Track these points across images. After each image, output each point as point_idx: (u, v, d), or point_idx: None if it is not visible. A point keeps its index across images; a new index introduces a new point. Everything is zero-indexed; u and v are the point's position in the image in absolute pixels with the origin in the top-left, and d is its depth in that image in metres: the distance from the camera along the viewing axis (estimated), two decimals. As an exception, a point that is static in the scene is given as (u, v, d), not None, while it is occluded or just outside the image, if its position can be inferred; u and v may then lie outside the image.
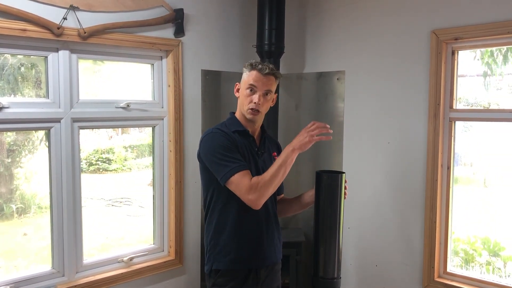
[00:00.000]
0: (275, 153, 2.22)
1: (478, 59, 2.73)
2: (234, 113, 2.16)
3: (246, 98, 2.05)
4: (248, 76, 2.06)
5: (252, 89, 2.04)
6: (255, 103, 2.03)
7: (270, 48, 3.13)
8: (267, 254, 2.11)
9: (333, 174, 2.14)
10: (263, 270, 2.10)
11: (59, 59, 2.48)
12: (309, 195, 2.22)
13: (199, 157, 2.08)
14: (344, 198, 2.12)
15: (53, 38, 2.38)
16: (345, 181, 2.12)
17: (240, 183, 1.91)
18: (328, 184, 2.11)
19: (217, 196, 2.05)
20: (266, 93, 2.05)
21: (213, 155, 1.98)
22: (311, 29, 3.38)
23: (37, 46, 2.41)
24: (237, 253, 2.04)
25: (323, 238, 2.10)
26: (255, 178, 1.94)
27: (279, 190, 2.26)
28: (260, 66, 2.04)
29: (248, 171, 1.96)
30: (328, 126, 1.96)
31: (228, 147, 1.98)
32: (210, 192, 2.08)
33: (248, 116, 2.07)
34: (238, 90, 2.13)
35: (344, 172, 2.13)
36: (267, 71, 2.03)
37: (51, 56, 2.47)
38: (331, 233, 2.09)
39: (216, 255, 2.06)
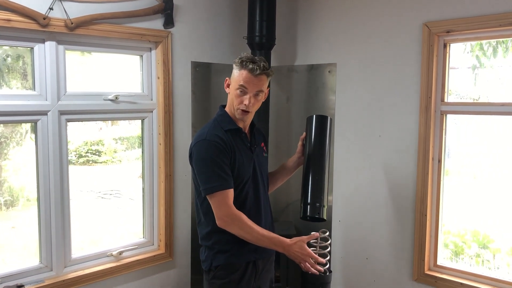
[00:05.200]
0: (263, 144, 2.22)
1: (468, 52, 2.73)
2: (224, 106, 2.12)
3: (236, 98, 2.01)
4: (238, 75, 1.98)
5: (243, 90, 1.98)
6: (245, 104, 1.98)
7: (261, 40, 3.10)
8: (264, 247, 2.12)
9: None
10: (260, 261, 2.13)
11: (45, 50, 2.44)
12: (292, 161, 2.30)
13: (191, 159, 2.05)
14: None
15: (39, 29, 2.33)
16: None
17: (219, 202, 1.94)
18: (319, 120, 2.22)
19: None
20: (257, 94, 2.00)
21: (202, 166, 1.97)
22: (302, 21, 3.35)
23: (23, 37, 2.36)
24: (236, 248, 2.04)
25: (314, 166, 2.12)
26: (241, 215, 1.95)
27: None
28: (251, 65, 1.95)
29: (231, 191, 1.96)
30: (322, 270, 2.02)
31: (218, 160, 1.95)
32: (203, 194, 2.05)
33: (238, 116, 2.04)
34: (228, 86, 2.07)
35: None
36: (258, 72, 1.95)
37: (37, 47, 2.42)
38: (321, 161, 2.13)
39: (216, 253, 2.06)
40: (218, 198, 1.94)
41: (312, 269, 1.98)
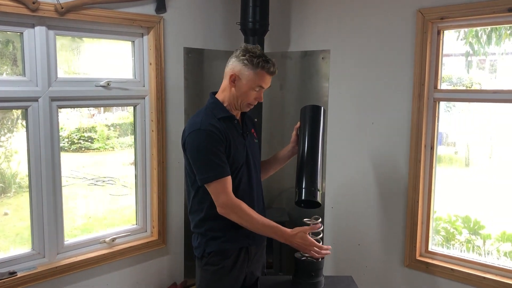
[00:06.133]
0: (253, 130, 2.22)
1: (461, 39, 2.72)
2: (215, 93, 2.11)
3: (250, 96, 2.03)
4: (255, 76, 1.99)
5: (260, 89, 2.04)
6: (258, 101, 2.07)
7: (254, 26, 3.07)
8: (257, 233, 2.12)
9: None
10: (253, 247, 2.13)
11: (35, 35, 2.40)
12: (286, 150, 2.30)
13: (184, 148, 2.04)
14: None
15: (28, 13, 2.29)
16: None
17: (220, 192, 1.94)
18: (313, 110, 2.24)
19: (205, 187, 2.02)
20: None
21: (198, 156, 1.96)
22: (296, 6, 3.32)
23: (12, 21, 2.32)
24: (229, 235, 2.04)
25: (309, 153, 2.13)
26: (241, 203, 1.96)
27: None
28: (271, 68, 2.01)
29: (229, 178, 1.96)
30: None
31: (214, 149, 1.94)
32: (197, 182, 2.03)
33: (245, 110, 2.09)
34: (234, 81, 2.03)
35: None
36: (276, 72, 2.04)
37: (27, 32, 2.38)
38: (315, 148, 2.14)
39: (209, 240, 2.05)
40: (216, 187, 1.94)
41: (319, 255, 2.00)
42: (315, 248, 1.99)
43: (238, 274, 2.09)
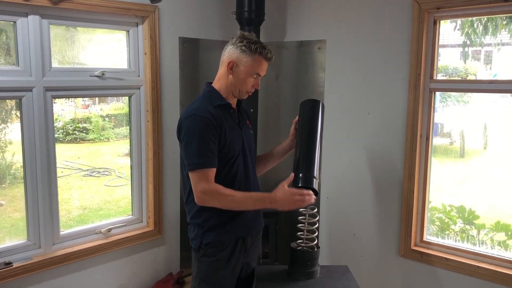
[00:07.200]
0: (248, 121, 2.22)
1: (458, 29, 2.72)
2: (211, 83, 2.10)
3: (248, 83, 2.03)
4: (255, 63, 2.00)
5: (257, 76, 2.04)
6: (256, 88, 2.07)
7: (250, 16, 3.06)
8: (253, 223, 2.14)
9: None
10: (249, 238, 2.14)
11: (28, 24, 2.37)
12: (285, 144, 2.29)
13: (179, 136, 2.02)
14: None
15: (21, 1, 2.27)
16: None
17: (200, 178, 1.92)
18: (312, 104, 2.28)
19: None
20: None
21: (189, 141, 1.95)
22: (292, -4, 3.31)
23: (4, 10, 2.29)
24: (225, 226, 2.04)
25: (307, 144, 2.14)
26: (218, 187, 1.94)
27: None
28: (268, 54, 2.01)
29: (214, 170, 1.95)
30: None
31: (206, 137, 1.93)
32: None
33: (243, 97, 2.09)
34: (231, 68, 2.01)
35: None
36: (273, 58, 2.05)
37: (20, 21, 2.35)
38: (313, 139, 2.15)
39: (205, 231, 2.05)
40: (199, 175, 1.93)
41: (307, 201, 1.95)
42: (297, 196, 1.94)
43: (235, 265, 2.09)
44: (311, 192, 1.96)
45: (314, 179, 1.99)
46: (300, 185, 1.98)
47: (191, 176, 1.95)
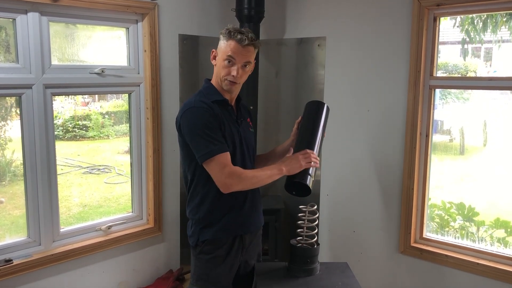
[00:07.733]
0: (249, 119, 2.20)
1: (458, 26, 2.72)
2: (210, 80, 2.09)
3: (224, 69, 1.97)
4: (226, 46, 1.95)
5: (230, 60, 1.95)
6: (233, 75, 1.96)
7: (249, 12, 3.05)
8: (251, 221, 2.12)
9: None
10: (247, 236, 2.12)
11: (28, 21, 2.37)
12: (283, 146, 2.27)
13: (179, 130, 2.01)
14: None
15: (21, -1, 2.27)
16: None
17: (221, 164, 1.89)
18: (316, 105, 2.25)
19: (201, 169, 1.99)
20: (245, 65, 1.97)
21: (196, 133, 1.91)
22: (292, -7, 3.30)
23: (4, 7, 2.29)
24: (223, 223, 2.03)
25: (305, 140, 2.12)
26: (239, 168, 1.93)
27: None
28: (239, 36, 1.92)
29: (228, 153, 1.93)
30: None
31: (211, 126, 1.91)
32: (192, 166, 2.02)
33: (226, 87, 2.00)
34: (214, 57, 2.03)
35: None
36: (246, 42, 1.92)
37: (20, 18, 2.35)
38: (313, 136, 2.14)
39: (203, 228, 2.04)
40: (215, 163, 1.89)
41: (312, 158, 1.98)
42: (300, 155, 1.96)
43: (232, 263, 2.08)
44: (313, 151, 2.00)
45: (309, 176, 1.99)
46: (296, 180, 1.98)
47: (208, 167, 1.91)
